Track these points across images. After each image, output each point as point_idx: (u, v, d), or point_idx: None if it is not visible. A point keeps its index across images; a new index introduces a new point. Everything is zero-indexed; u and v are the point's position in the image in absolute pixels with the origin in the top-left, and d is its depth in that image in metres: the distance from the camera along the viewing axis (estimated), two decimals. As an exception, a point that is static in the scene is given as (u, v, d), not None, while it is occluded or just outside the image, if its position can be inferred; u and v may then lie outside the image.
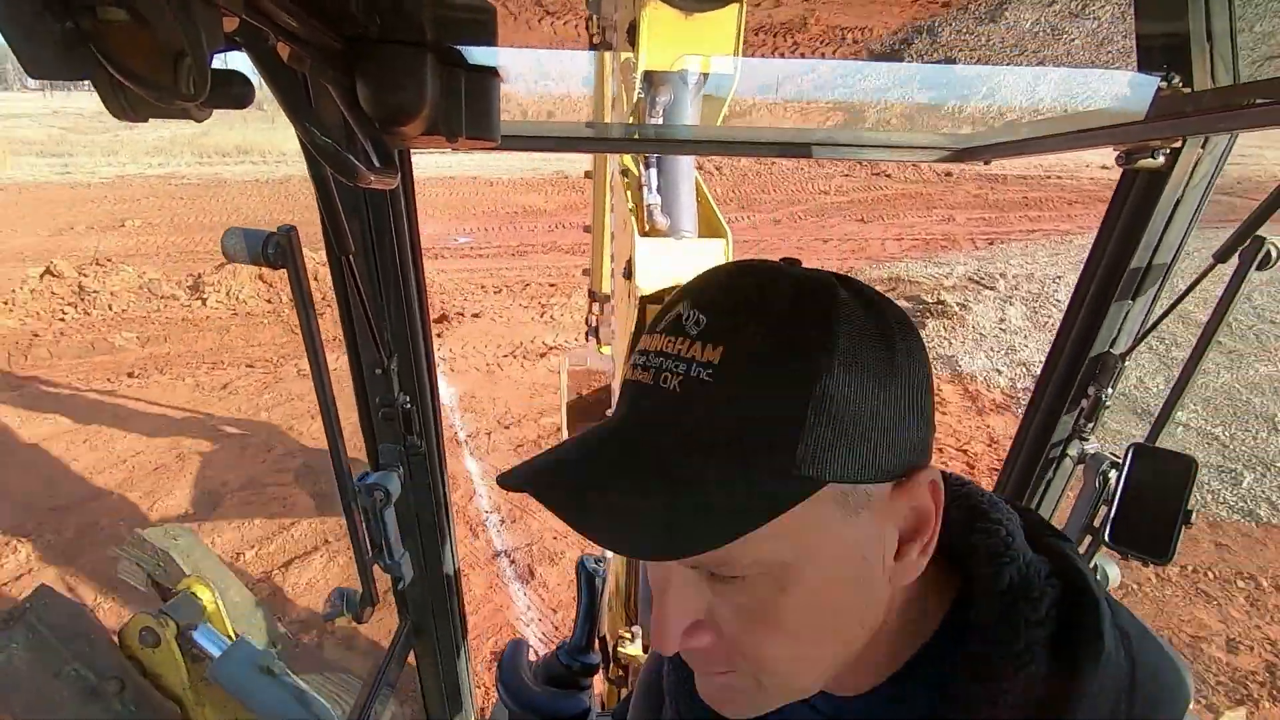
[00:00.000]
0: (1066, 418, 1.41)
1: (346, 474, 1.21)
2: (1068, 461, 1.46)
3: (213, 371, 7.50)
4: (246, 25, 0.44)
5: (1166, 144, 1.05)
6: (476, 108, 0.65)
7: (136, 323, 8.58)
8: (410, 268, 1.21)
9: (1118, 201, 1.22)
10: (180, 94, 0.37)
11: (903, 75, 26.28)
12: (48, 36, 0.34)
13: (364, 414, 1.33)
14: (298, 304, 1.02)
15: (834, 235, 13.89)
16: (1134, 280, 1.24)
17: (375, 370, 1.25)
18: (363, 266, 1.16)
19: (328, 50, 0.54)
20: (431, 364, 1.35)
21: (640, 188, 1.68)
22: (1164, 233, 1.18)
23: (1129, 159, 1.09)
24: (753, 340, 0.44)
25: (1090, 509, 1.35)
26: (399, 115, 0.60)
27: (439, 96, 0.62)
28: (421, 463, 1.40)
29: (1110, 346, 1.32)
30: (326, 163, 0.53)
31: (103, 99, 0.39)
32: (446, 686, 1.76)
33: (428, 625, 1.63)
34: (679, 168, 1.68)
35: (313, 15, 0.50)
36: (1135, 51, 1.00)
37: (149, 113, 0.40)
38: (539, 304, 9.65)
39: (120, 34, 0.35)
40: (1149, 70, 0.97)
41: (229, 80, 0.42)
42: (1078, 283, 1.34)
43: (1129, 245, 1.20)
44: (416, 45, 0.59)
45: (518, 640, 0.95)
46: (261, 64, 0.47)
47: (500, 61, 0.66)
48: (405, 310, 1.24)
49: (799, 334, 0.44)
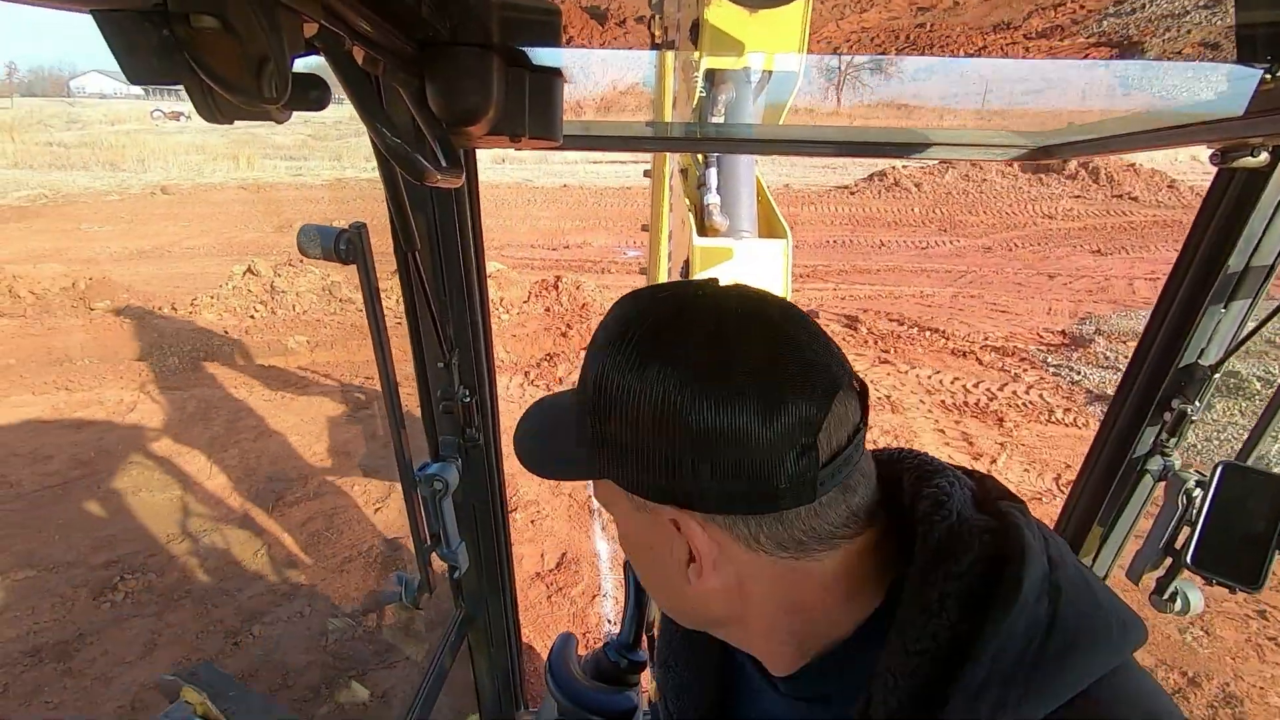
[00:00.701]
0: (1148, 431, 1.33)
1: (408, 464, 1.25)
2: (1148, 478, 1.38)
3: (369, 384, 7.29)
4: (325, 31, 0.46)
5: (1269, 141, 0.98)
6: (540, 108, 0.66)
7: (310, 326, 8.81)
8: (473, 265, 1.24)
9: (1212, 202, 1.14)
10: (263, 97, 0.39)
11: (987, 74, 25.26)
12: (146, 44, 0.36)
13: (425, 406, 1.37)
14: (365, 299, 1.07)
15: (1062, 270, 11.40)
16: (1228, 285, 1.16)
17: (437, 364, 1.29)
18: (428, 263, 1.20)
19: (400, 54, 0.56)
20: (491, 359, 1.39)
21: (699, 187, 1.68)
22: (1263, 235, 1.10)
23: (1225, 157, 1.02)
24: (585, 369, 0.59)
25: (1171, 530, 1.27)
26: (467, 116, 0.62)
27: (504, 97, 0.64)
28: (479, 455, 1.43)
29: (1199, 357, 1.24)
30: (396, 163, 0.55)
31: (193, 102, 0.42)
32: (498, 675, 1.80)
33: (481, 614, 1.67)
34: (739, 167, 1.67)
35: (387, 20, 0.52)
36: (1235, 42, 0.93)
37: (234, 115, 0.43)
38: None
39: (210, 41, 0.37)
40: (1249, 62, 0.91)
41: (307, 84, 0.44)
42: (1164, 286, 1.26)
43: (1224, 248, 1.13)
44: (484, 47, 0.60)
45: (567, 634, 0.96)
46: (338, 68, 0.49)
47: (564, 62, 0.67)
48: (468, 306, 1.27)
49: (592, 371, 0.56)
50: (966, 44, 1.11)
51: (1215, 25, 0.86)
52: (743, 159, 1.68)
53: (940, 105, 29.20)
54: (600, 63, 30.72)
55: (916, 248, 13.34)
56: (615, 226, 14.57)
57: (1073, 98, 18.82)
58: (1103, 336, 8.28)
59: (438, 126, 0.62)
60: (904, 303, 9.79)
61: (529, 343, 8.58)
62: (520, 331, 8.87)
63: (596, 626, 4.19)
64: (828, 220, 15.22)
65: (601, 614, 4.30)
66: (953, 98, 26.00)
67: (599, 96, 26.33)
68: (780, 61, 1.54)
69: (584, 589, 4.46)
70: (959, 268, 11.76)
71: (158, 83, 0.39)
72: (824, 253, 12.91)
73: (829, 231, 14.38)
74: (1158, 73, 17.01)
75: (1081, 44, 1.01)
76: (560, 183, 18.89)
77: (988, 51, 1.09)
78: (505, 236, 13.76)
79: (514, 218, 15.31)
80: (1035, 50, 1.06)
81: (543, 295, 9.76)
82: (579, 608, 4.31)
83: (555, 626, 4.20)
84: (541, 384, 7.26)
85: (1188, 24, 0.89)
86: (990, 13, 0.97)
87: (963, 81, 25.29)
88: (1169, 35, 0.93)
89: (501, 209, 15.78)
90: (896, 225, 14.88)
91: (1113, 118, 1.18)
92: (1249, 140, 0.98)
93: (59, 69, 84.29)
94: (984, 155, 1.27)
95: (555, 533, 5.02)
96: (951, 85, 25.99)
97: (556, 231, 14.57)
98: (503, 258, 11.87)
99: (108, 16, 0.36)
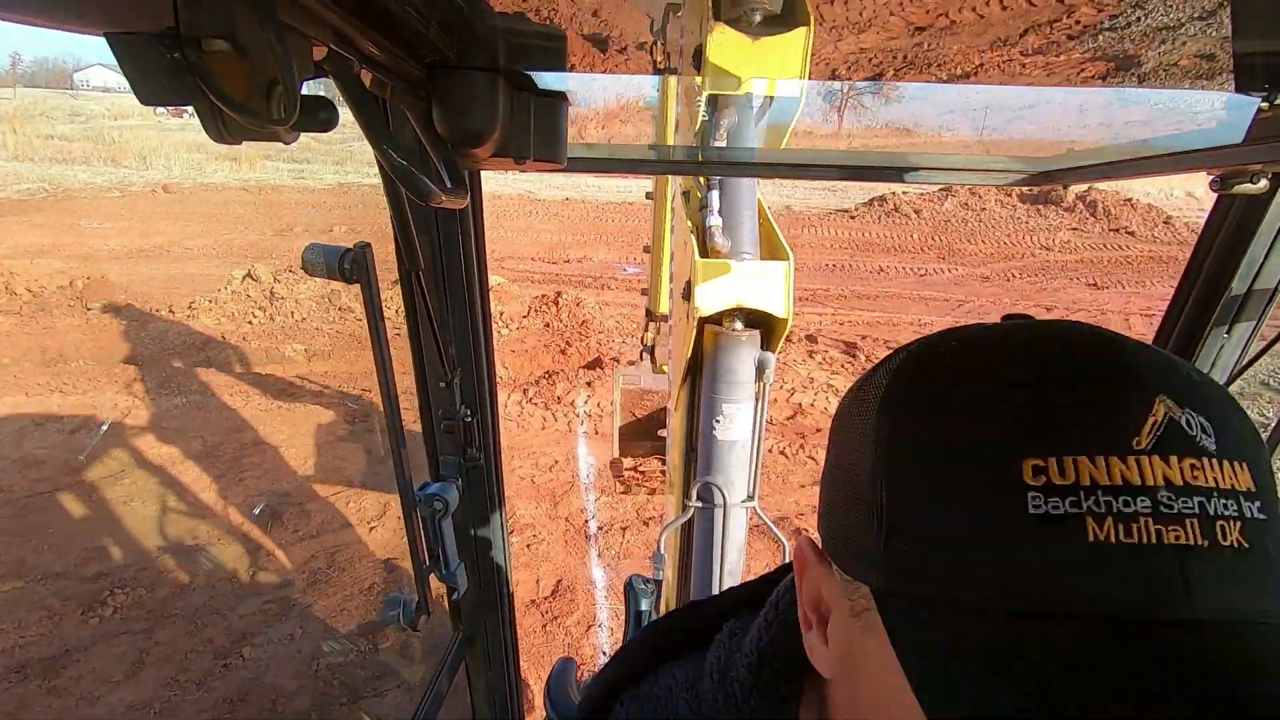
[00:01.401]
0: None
1: (408, 483, 1.24)
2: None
3: (366, 396, 7.25)
4: (333, 54, 0.46)
5: (1268, 168, 0.99)
6: (544, 131, 0.66)
7: (308, 334, 8.74)
8: (476, 285, 1.25)
9: (1212, 228, 1.14)
10: (272, 119, 0.39)
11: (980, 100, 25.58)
12: (158, 66, 0.36)
13: (426, 425, 1.36)
14: (369, 317, 1.06)
15: (1059, 303, 11.47)
16: (1230, 311, 1.16)
17: (439, 383, 1.28)
18: (431, 283, 1.20)
19: (408, 77, 0.57)
20: (493, 379, 1.38)
21: (701, 209, 1.69)
22: (1265, 260, 1.10)
23: (1225, 184, 1.03)
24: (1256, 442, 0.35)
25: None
26: (472, 138, 0.62)
27: (509, 120, 0.64)
28: (480, 475, 1.42)
29: (1202, 382, 1.23)
30: (402, 184, 0.55)
31: (202, 122, 0.42)
32: (496, 698, 1.77)
33: (479, 636, 1.65)
34: (741, 190, 1.68)
35: (395, 43, 0.53)
36: (1233, 71, 0.94)
37: (242, 135, 0.43)
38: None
39: (220, 64, 0.37)
40: (1248, 90, 0.91)
41: (316, 106, 0.44)
42: (1166, 312, 1.26)
43: (1225, 274, 1.13)
44: (490, 71, 0.61)
45: (566, 658, 0.95)
46: (346, 90, 0.50)
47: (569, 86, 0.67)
48: (470, 326, 1.27)
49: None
50: (964, 63, 1.12)
51: (1210, 37, 0.86)
52: (745, 181, 1.69)
53: (940, 128, 29.54)
54: (603, 84, 31.10)
55: (915, 275, 13.40)
56: (616, 242, 14.61)
57: (1073, 126, 19.05)
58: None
59: (443, 148, 0.63)
60: (902, 330, 9.81)
61: (528, 359, 8.56)
62: (519, 347, 8.86)
63: (592, 659, 4.13)
64: (827, 244, 15.30)
65: (597, 645, 4.24)
66: (953, 123, 26.35)
67: (602, 110, 26.68)
68: (782, 86, 1.55)
69: (579, 619, 4.40)
70: (957, 296, 11.81)
71: (168, 104, 0.39)
72: (823, 277, 12.96)
73: (829, 256, 14.45)
74: (1158, 101, 17.19)
75: (1077, 60, 1.02)
76: (562, 196, 18.99)
77: (985, 71, 1.10)
78: (506, 249, 13.80)
79: (515, 230, 15.37)
80: (1031, 68, 1.07)
81: (543, 311, 9.75)
82: (574, 638, 4.26)
83: (550, 657, 4.14)
84: (540, 402, 7.23)
85: (1182, 36, 0.89)
86: (986, 31, 0.98)
87: (962, 104, 25.71)
88: (1164, 48, 0.94)
89: (503, 220, 15.85)
90: (896, 251, 14.96)
91: (1113, 145, 1.19)
92: (1248, 167, 0.99)
93: (63, 61, 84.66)
94: (984, 180, 1.28)
95: (551, 558, 4.97)
96: (950, 109, 26.45)
97: (557, 245, 14.62)
98: (503, 270, 11.90)
99: (120, 39, 0.36)
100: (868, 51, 1.17)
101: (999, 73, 1.11)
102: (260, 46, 0.36)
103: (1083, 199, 16.76)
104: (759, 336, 1.63)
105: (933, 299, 11.75)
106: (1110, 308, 11.15)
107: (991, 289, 12.40)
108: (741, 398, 1.64)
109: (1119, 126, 17.64)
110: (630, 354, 8.05)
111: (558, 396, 7.36)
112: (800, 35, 1.45)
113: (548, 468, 6.12)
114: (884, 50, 1.11)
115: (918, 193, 17.08)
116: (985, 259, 14.22)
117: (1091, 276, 13.02)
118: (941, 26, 0.91)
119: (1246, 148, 0.94)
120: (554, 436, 6.69)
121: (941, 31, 0.93)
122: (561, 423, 6.94)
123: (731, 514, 1.74)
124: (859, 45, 1.14)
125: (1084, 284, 12.67)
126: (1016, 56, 1.06)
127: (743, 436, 1.69)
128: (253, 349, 8.33)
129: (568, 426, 6.87)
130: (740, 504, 1.75)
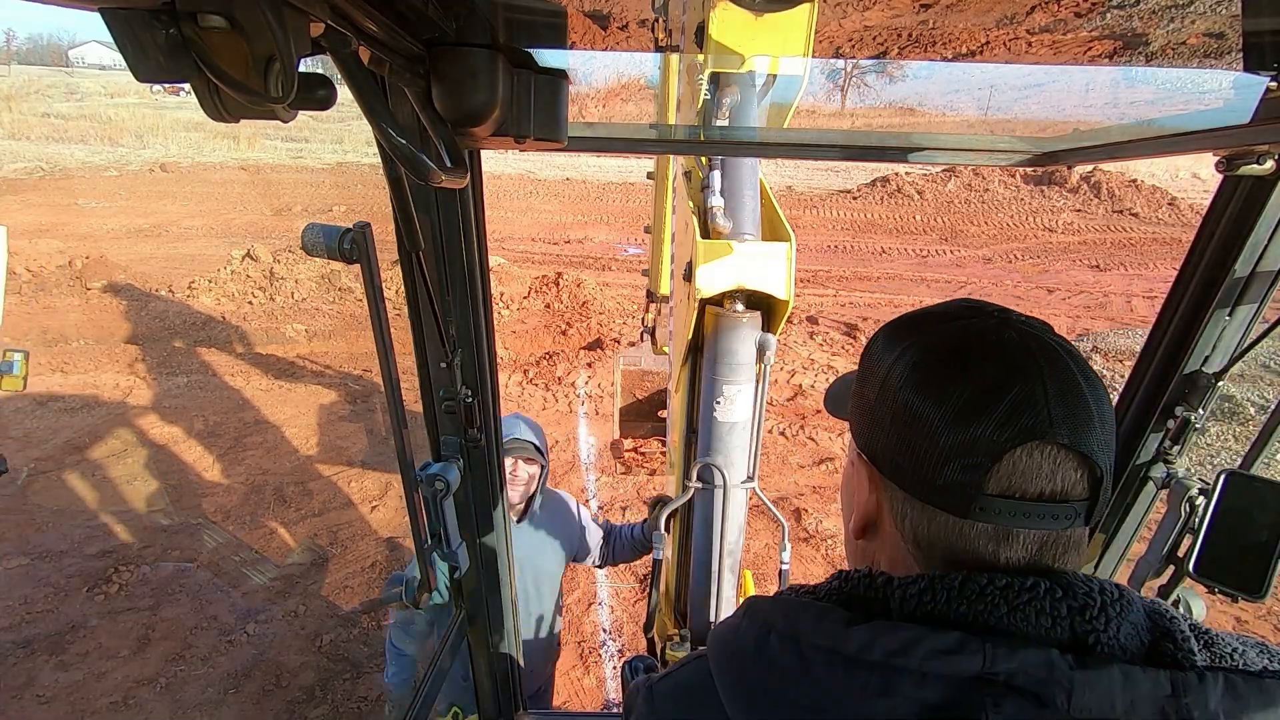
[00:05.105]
0: (1152, 439, 1.33)
1: (409, 463, 1.25)
2: (1151, 486, 1.37)
3: (367, 376, 7.17)
4: (331, 31, 0.46)
5: (1275, 148, 0.98)
6: (544, 109, 0.66)
7: (309, 314, 8.70)
8: (476, 265, 1.24)
9: (1217, 209, 1.14)
10: (269, 96, 0.39)
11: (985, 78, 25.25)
12: (154, 43, 0.36)
13: (427, 406, 1.37)
14: (369, 298, 1.06)
15: (1061, 284, 11.42)
16: (1233, 292, 1.15)
17: (440, 364, 1.28)
18: (431, 262, 1.20)
19: (406, 54, 0.56)
20: (494, 359, 1.38)
21: (703, 189, 1.67)
22: (1269, 242, 1.10)
23: (1230, 165, 1.02)
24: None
25: (1174, 538, 1.27)
26: (472, 116, 0.61)
27: (509, 98, 0.64)
28: (480, 455, 1.43)
29: (1203, 364, 1.23)
30: (401, 163, 0.54)
31: (199, 100, 0.41)
32: (497, 675, 1.80)
33: (481, 615, 1.67)
34: (743, 170, 1.67)
35: (393, 20, 0.52)
36: (1241, 50, 0.93)
37: (240, 113, 0.42)
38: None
39: (217, 41, 0.37)
40: (1256, 70, 0.90)
41: (314, 84, 0.44)
42: (1168, 293, 1.25)
43: (1229, 255, 1.12)
44: (490, 48, 0.60)
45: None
46: (344, 68, 0.49)
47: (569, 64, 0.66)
48: (470, 306, 1.27)
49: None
50: (970, 41, 1.10)
51: (1219, 15, 0.85)
52: (747, 161, 1.68)
53: (944, 108, 29.16)
54: (604, 61, 30.65)
55: (917, 256, 13.33)
56: (617, 222, 14.51)
57: (1078, 106, 18.85)
58: (1099, 354, 8.25)
59: (443, 127, 0.62)
60: (904, 312, 9.77)
61: (529, 340, 8.55)
62: (520, 328, 8.85)
63: (592, 636, 4.17)
64: (829, 225, 15.21)
65: (597, 623, 4.28)
66: (957, 102, 25.89)
67: (603, 89, 26.38)
68: (785, 64, 1.53)
69: (579, 596, 4.43)
70: (959, 278, 11.75)
71: (165, 81, 0.39)
72: (825, 258, 12.90)
73: (831, 236, 14.37)
74: (1164, 79, 16.97)
75: (1085, 38, 1.01)
76: (563, 176, 18.83)
77: (990, 49, 1.09)
78: (506, 229, 13.72)
79: (515, 210, 15.28)
80: (1038, 46, 1.05)
81: (543, 291, 9.72)
82: (575, 616, 4.29)
83: (551, 632, 4.18)
84: (540, 383, 7.23)
85: (1191, 14, 0.88)
86: (992, 7, 0.96)
87: (967, 83, 25.40)
88: (1173, 27, 0.92)
89: (503, 200, 15.74)
90: (898, 232, 14.88)
91: (1118, 125, 1.18)
92: (1254, 148, 0.98)
93: (58, 37, 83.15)
94: (989, 160, 1.27)
95: (553, 535, 5.00)
96: (955, 88, 26.08)
97: (558, 225, 14.53)
98: (503, 250, 11.82)
99: (116, 14, 0.35)
100: (872, 29, 1.15)
101: (1005, 51, 1.09)
102: (257, 22, 0.36)
103: (1087, 180, 16.62)
104: (760, 318, 1.62)
105: (934, 280, 11.74)
106: (1112, 290, 11.09)
107: (994, 271, 12.40)
108: (742, 379, 1.65)
109: (1124, 106, 17.47)
110: (631, 335, 8.04)
111: (558, 377, 7.37)
112: (804, 12, 1.43)
113: (549, 448, 6.14)
114: (888, 28, 1.10)
115: (921, 173, 16.96)
116: (988, 240, 14.16)
117: (1094, 259, 12.98)
118: (947, 3, 0.90)
119: (1253, 128, 0.93)
120: (555, 417, 6.72)
121: (947, 8, 0.91)
122: (562, 403, 6.96)
123: (731, 494, 1.75)
124: (863, 22, 1.13)
125: (1087, 266, 12.63)
126: (1023, 34, 1.04)
127: (743, 417, 1.70)
128: (253, 329, 8.32)
129: (568, 407, 6.89)
130: (740, 484, 1.76)
